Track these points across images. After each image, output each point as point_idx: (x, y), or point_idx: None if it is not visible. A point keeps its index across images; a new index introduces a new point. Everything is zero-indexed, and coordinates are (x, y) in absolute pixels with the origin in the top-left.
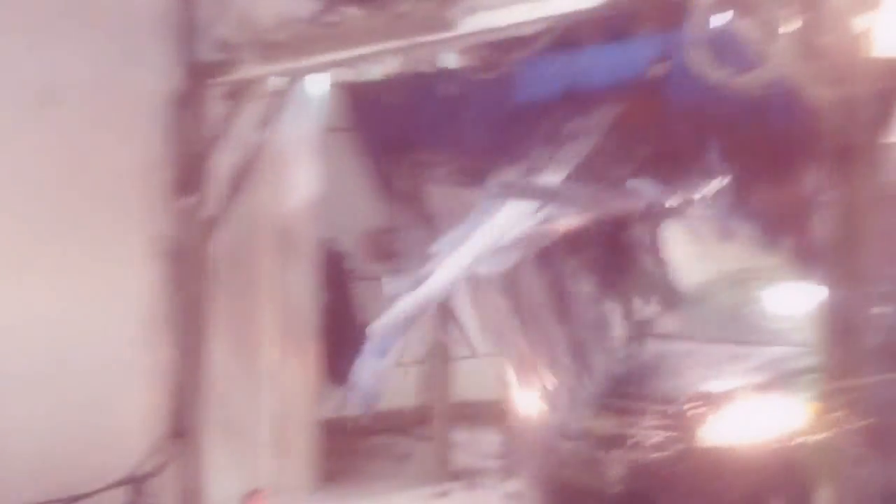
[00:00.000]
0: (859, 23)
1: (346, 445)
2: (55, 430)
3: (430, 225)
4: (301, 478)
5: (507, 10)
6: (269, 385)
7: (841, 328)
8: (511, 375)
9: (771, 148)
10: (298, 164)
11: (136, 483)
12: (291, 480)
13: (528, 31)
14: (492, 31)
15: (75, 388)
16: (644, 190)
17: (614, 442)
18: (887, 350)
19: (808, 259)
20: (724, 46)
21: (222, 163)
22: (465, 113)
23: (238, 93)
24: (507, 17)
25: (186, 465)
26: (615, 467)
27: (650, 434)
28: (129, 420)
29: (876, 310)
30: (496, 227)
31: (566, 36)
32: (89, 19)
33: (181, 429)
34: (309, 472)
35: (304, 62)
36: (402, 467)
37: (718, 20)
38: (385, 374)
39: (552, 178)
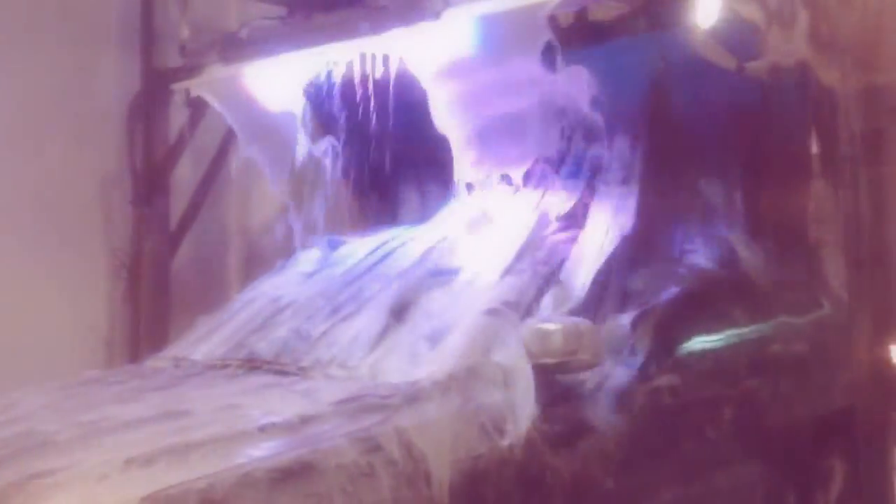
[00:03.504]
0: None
1: None
2: None
3: None
4: None
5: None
6: None
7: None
8: None
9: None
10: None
11: None
12: None
13: None
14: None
15: None
16: None
17: None
18: None
19: None
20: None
21: (186, 172)
22: None
23: (200, 98)
24: (492, 7)
25: None
26: None
27: None
28: None
29: None
30: None
31: None
32: (46, 27)
33: None
34: None
35: (270, 62)
36: None
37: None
38: None
39: None
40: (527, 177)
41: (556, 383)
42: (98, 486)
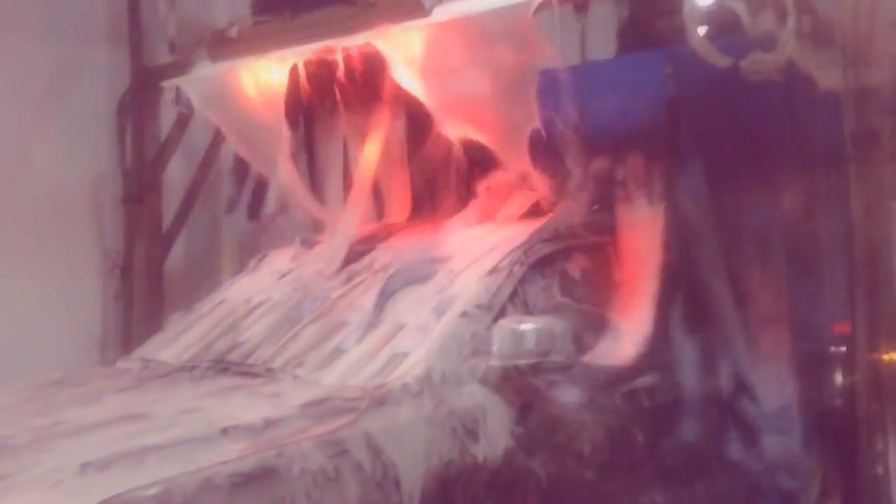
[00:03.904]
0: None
1: None
2: None
3: None
4: None
5: None
6: None
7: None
8: None
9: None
10: None
11: None
12: None
13: None
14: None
15: None
16: None
17: None
18: None
19: None
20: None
21: (177, 170)
22: None
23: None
24: (486, 3)
25: None
26: None
27: None
28: None
29: None
30: None
31: None
32: (33, 24)
33: None
34: None
35: (260, 59)
36: None
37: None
38: None
39: None
40: (527, 180)
41: (529, 385)
42: (52, 491)
